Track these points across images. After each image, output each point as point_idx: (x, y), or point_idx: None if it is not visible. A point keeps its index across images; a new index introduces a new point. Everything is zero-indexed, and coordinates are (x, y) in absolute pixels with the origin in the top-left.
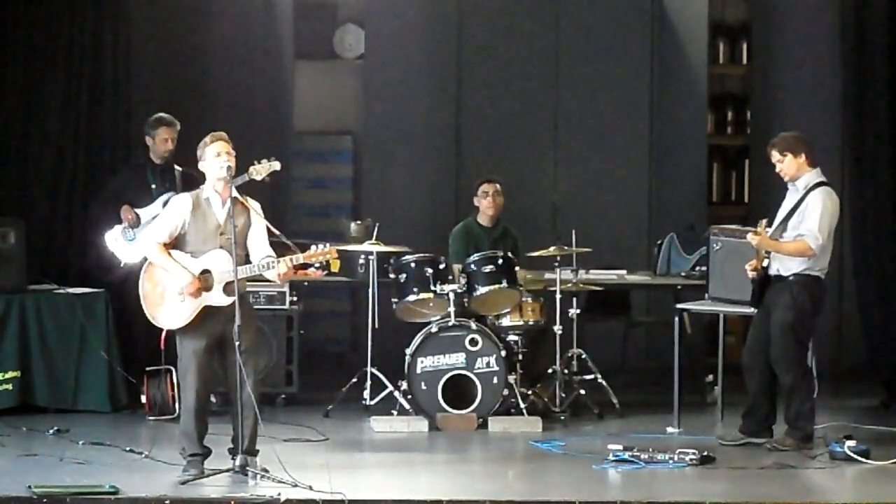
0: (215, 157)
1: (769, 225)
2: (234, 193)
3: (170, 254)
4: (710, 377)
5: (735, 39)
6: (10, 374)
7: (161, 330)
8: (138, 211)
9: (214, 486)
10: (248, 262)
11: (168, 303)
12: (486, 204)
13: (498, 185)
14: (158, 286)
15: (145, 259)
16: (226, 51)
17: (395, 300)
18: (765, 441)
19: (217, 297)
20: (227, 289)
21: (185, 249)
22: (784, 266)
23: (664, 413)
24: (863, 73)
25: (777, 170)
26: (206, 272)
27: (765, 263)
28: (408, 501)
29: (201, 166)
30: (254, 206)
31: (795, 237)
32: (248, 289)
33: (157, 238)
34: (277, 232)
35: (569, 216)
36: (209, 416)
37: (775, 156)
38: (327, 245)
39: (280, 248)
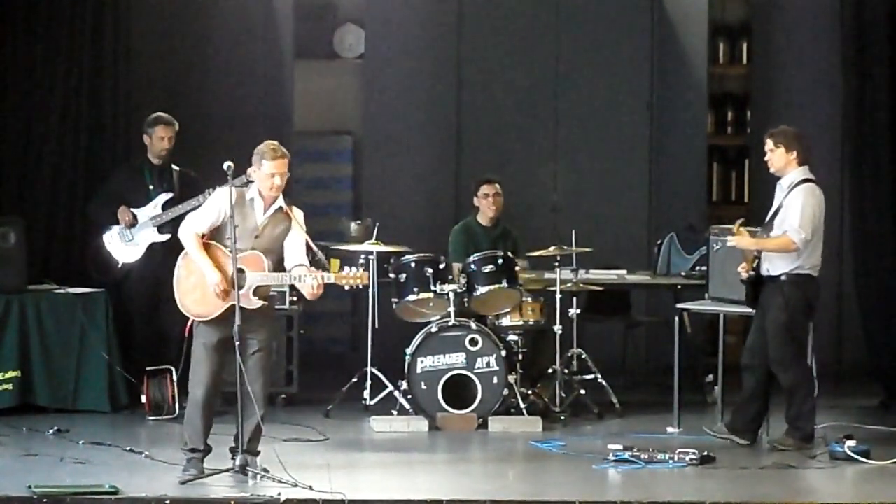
0: (269, 176)
1: (747, 224)
2: (280, 202)
3: (206, 247)
4: (710, 377)
5: (735, 39)
6: (10, 374)
7: (166, 326)
8: (135, 211)
9: (214, 486)
10: (281, 267)
11: (199, 293)
12: (486, 205)
13: (498, 186)
14: (193, 275)
15: (145, 256)
16: (226, 51)
17: (395, 300)
18: (748, 442)
19: (245, 300)
20: (259, 292)
21: (223, 244)
22: (774, 265)
23: (664, 413)
24: (863, 73)
25: (766, 158)
26: (240, 271)
27: (755, 264)
28: (408, 501)
29: (251, 171)
30: (297, 214)
31: (779, 234)
32: (271, 292)
33: (195, 228)
34: (315, 248)
35: (569, 216)
36: (214, 413)
37: (769, 144)
38: (360, 269)
39: (318, 265)
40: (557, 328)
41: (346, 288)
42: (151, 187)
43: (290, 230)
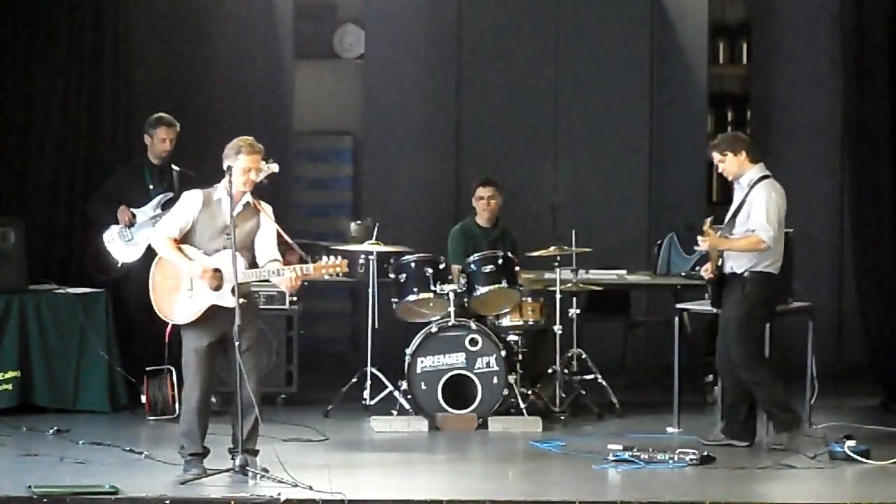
0: (244, 171)
1: (716, 223)
2: (248, 198)
3: (180, 248)
4: (710, 377)
5: (735, 39)
6: (10, 374)
7: (165, 326)
8: (135, 211)
9: (214, 486)
10: (254, 264)
11: (176, 297)
12: (481, 207)
13: (494, 188)
14: (168, 279)
15: (145, 256)
16: (226, 51)
17: (395, 300)
18: (747, 443)
19: (226, 298)
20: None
21: (195, 246)
22: (737, 263)
23: (664, 413)
24: (863, 73)
25: (720, 170)
26: (217, 271)
27: (719, 263)
28: (408, 501)
29: (225, 165)
30: (266, 209)
31: (745, 233)
32: (251, 289)
33: (166, 232)
34: (290, 240)
35: (569, 216)
36: (210, 415)
37: (716, 157)
38: (339, 258)
39: (291, 255)
40: (557, 328)
41: (326, 277)
42: (151, 187)
43: (260, 226)
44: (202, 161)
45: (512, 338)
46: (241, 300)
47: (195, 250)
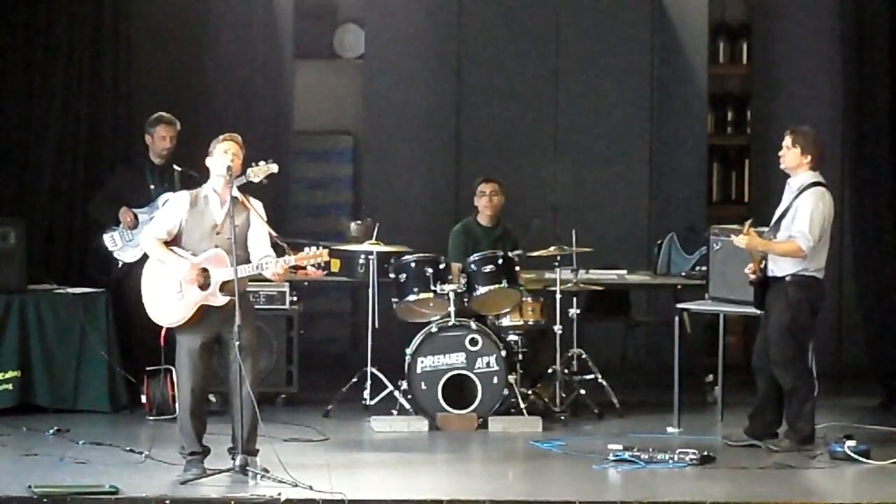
0: (222, 154)
1: (754, 225)
2: (235, 193)
3: (170, 249)
4: (710, 377)
5: (735, 39)
6: (10, 374)
7: (161, 328)
8: (136, 211)
9: (214, 486)
10: (247, 262)
11: (167, 300)
12: (483, 203)
13: (496, 185)
14: (158, 283)
15: (146, 257)
16: (226, 51)
17: (395, 300)
18: (765, 442)
19: (214, 297)
20: (225, 288)
21: (184, 248)
22: (779, 267)
23: (664, 413)
24: (863, 73)
25: (780, 153)
26: (204, 271)
27: (762, 265)
28: (408, 501)
29: (207, 161)
30: (255, 205)
31: (788, 238)
32: (248, 288)
33: (155, 235)
34: (274, 233)
35: (569, 216)
36: (208, 415)
37: (787, 141)
38: (319, 247)
39: (278, 249)
40: (557, 328)
41: (310, 268)
42: (153, 187)
43: (250, 223)
44: (202, 161)
45: (512, 338)
46: (229, 297)
47: (184, 253)
